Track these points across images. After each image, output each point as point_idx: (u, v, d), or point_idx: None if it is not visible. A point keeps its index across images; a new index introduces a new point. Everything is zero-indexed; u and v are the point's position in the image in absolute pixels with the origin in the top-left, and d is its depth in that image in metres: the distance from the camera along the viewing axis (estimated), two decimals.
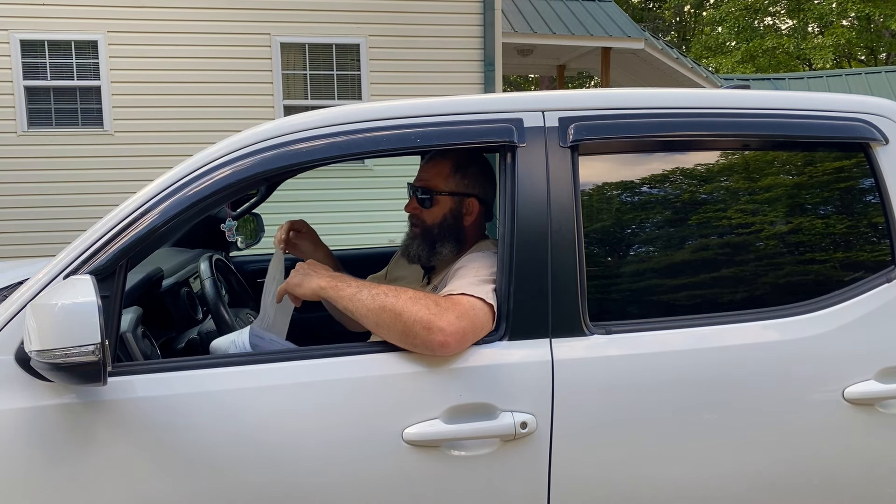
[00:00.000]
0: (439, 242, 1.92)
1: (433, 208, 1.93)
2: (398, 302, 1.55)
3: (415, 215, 1.96)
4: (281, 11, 7.53)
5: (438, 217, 1.93)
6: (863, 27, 19.52)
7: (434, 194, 1.92)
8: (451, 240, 1.93)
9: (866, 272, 1.72)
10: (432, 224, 1.93)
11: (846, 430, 1.64)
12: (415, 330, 1.51)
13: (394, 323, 1.53)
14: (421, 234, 1.94)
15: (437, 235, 1.92)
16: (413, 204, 1.96)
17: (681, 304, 1.70)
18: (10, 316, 1.51)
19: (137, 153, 7.23)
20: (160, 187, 1.58)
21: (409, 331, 1.52)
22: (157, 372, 1.54)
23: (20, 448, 1.46)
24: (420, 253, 1.94)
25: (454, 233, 1.93)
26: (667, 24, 25.37)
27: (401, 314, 1.53)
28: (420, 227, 1.95)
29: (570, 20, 9.89)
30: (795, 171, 1.83)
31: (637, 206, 1.77)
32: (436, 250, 1.92)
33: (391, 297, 1.56)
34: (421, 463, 1.53)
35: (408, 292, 1.59)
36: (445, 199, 1.93)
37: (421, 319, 1.51)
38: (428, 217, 1.93)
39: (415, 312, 1.52)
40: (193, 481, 1.49)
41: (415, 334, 1.51)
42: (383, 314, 1.55)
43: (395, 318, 1.53)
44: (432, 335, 1.50)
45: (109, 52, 7.23)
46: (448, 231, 1.93)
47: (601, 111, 1.68)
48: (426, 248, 1.93)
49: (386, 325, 1.55)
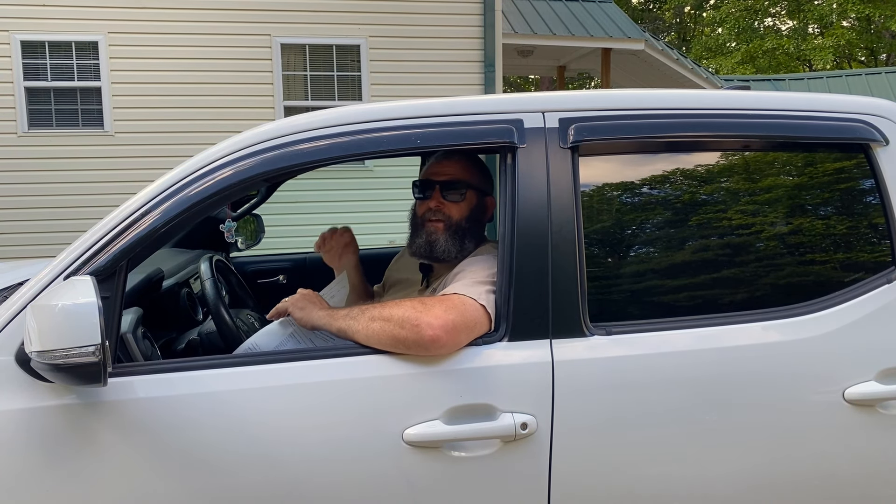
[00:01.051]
0: (467, 237, 1.90)
1: (461, 203, 1.91)
2: (384, 310, 1.57)
3: (440, 210, 1.91)
4: (281, 12, 7.53)
5: (466, 212, 1.91)
6: (863, 28, 19.52)
7: (467, 187, 1.91)
8: (475, 235, 1.91)
9: (866, 273, 1.72)
10: (461, 218, 1.90)
11: (846, 431, 1.64)
12: (404, 330, 1.51)
13: (384, 329, 1.54)
14: (449, 230, 1.89)
15: (467, 230, 1.90)
16: (439, 199, 1.91)
17: (681, 304, 1.70)
18: (10, 317, 1.51)
19: (137, 154, 7.23)
20: (161, 188, 1.58)
21: (399, 332, 1.52)
22: (157, 373, 1.54)
23: (20, 449, 1.46)
24: (449, 248, 1.88)
25: (479, 228, 1.93)
26: (667, 25, 25.38)
27: (389, 318, 1.54)
28: (446, 221, 1.90)
29: (571, 21, 9.89)
30: (795, 171, 1.83)
31: (637, 206, 1.77)
32: (465, 246, 1.89)
33: (377, 309, 1.59)
34: (421, 464, 1.53)
35: (392, 301, 1.61)
36: (472, 195, 1.93)
37: (408, 318, 1.52)
38: (456, 212, 1.91)
39: (401, 313, 1.53)
40: (194, 482, 1.49)
41: (405, 335, 1.51)
42: (373, 324, 1.56)
43: (384, 325, 1.54)
44: (421, 331, 1.50)
45: (110, 53, 7.23)
46: (474, 226, 1.92)
47: (601, 112, 1.68)
48: (456, 244, 1.88)
49: (377, 334, 1.55)
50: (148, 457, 1.49)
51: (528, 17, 9.73)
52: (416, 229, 1.96)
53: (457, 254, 1.88)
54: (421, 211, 1.96)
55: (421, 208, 1.96)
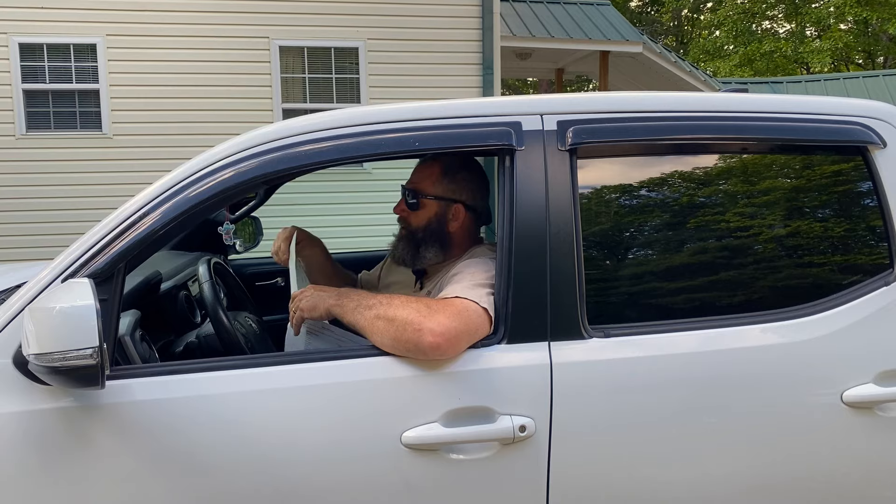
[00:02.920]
0: (423, 246, 1.94)
1: (419, 212, 1.94)
2: (389, 309, 1.56)
3: (403, 217, 1.98)
4: (280, 15, 7.53)
5: (423, 221, 1.94)
6: (860, 31, 19.57)
7: (420, 197, 1.93)
8: (435, 244, 1.94)
9: (864, 275, 1.72)
10: (417, 227, 1.95)
11: (845, 433, 1.64)
12: (406, 334, 1.51)
13: (386, 329, 1.53)
14: (406, 237, 1.96)
15: (422, 239, 1.94)
16: (401, 206, 1.98)
17: (679, 307, 1.70)
18: (7, 319, 1.51)
19: (136, 156, 7.22)
20: (159, 190, 1.58)
21: (401, 335, 1.51)
22: (155, 375, 1.53)
23: (18, 452, 1.45)
24: (404, 255, 1.96)
25: (438, 237, 1.94)
26: (665, 28, 25.42)
27: (392, 320, 1.53)
28: (406, 229, 1.97)
29: (569, 24, 9.90)
30: (794, 174, 1.83)
31: (636, 209, 1.77)
32: (420, 253, 1.94)
33: (383, 306, 1.57)
34: (420, 466, 1.53)
35: (400, 298, 1.60)
36: (431, 204, 1.93)
37: (411, 322, 1.51)
38: (414, 220, 1.95)
39: (405, 316, 1.52)
40: (192, 484, 1.49)
41: (406, 338, 1.51)
42: (377, 322, 1.55)
43: (387, 325, 1.54)
44: (422, 337, 1.49)
45: (108, 56, 7.23)
46: (432, 235, 1.94)
47: (600, 114, 1.69)
48: (410, 251, 1.95)
49: (379, 333, 1.54)
50: (145, 459, 1.48)
51: (526, 19, 9.74)
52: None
53: (411, 260, 1.95)
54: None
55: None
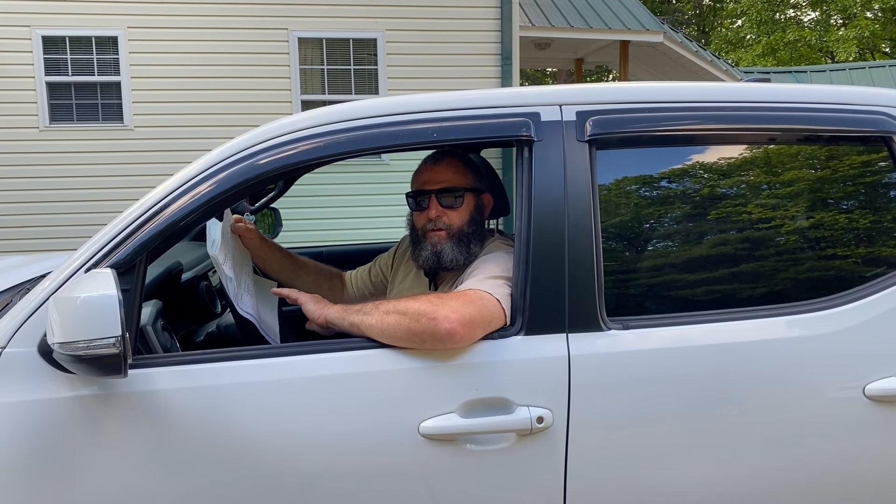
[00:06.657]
0: (472, 242, 1.87)
1: (461, 209, 1.89)
2: (399, 304, 1.56)
3: (440, 219, 1.87)
4: (298, 6, 7.55)
5: (466, 216, 1.89)
6: (887, 19, 19.19)
7: (464, 191, 1.89)
8: (477, 236, 1.89)
9: (889, 268, 1.70)
10: (462, 224, 1.88)
11: (867, 427, 1.62)
12: (420, 324, 1.50)
13: (399, 322, 1.53)
14: (453, 238, 1.86)
15: (470, 234, 1.87)
16: (437, 209, 1.88)
17: (699, 299, 1.69)
18: (33, 309, 1.53)
19: (157, 148, 7.30)
20: (180, 181, 1.59)
21: (415, 326, 1.51)
22: (176, 365, 1.55)
23: (42, 439, 1.48)
24: (457, 257, 1.84)
25: (480, 229, 1.91)
26: (686, 18, 25.11)
27: (405, 312, 1.53)
28: (448, 230, 1.86)
29: (588, 13, 9.82)
30: (818, 165, 1.81)
31: (655, 200, 1.76)
32: (471, 250, 1.86)
33: (392, 303, 1.58)
34: (437, 456, 1.53)
35: (407, 296, 1.61)
36: (469, 197, 1.91)
37: (425, 312, 1.51)
38: (457, 219, 1.88)
39: (417, 307, 1.53)
40: (213, 472, 1.51)
41: (421, 328, 1.50)
42: (388, 318, 1.55)
43: (399, 318, 1.53)
44: (438, 324, 1.49)
45: (129, 48, 7.29)
46: (476, 228, 1.90)
47: (619, 105, 1.67)
48: (462, 251, 1.85)
49: (392, 328, 1.54)
50: (167, 447, 1.50)
51: (545, 9, 9.67)
52: (419, 242, 1.91)
53: (465, 260, 1.84)
54: (420, 223, 1.91)
55: (420, 220, 1.92)
